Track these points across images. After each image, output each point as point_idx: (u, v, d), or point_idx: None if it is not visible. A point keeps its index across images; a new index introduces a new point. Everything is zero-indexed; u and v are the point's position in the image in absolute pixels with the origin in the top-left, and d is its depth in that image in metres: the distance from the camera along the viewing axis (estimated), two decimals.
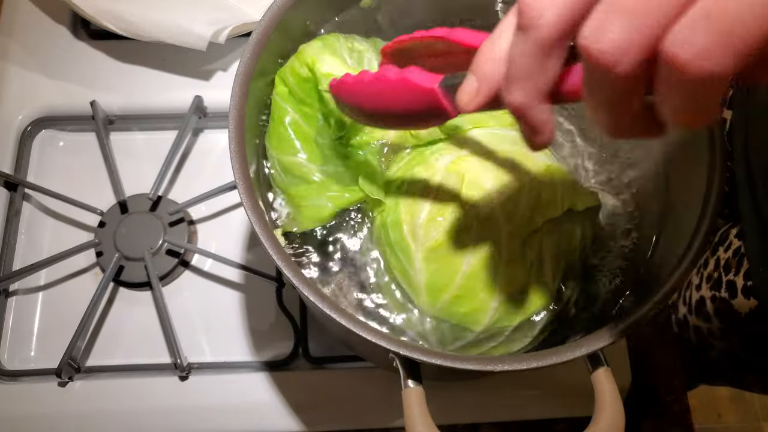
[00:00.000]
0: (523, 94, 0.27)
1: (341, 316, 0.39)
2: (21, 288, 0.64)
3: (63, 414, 0.59)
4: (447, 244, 0.42)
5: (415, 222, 0.43)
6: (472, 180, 0.43)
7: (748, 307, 0.66)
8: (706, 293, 0.74)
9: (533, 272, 0.43)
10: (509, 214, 0.42)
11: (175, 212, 0.64)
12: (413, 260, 0.43)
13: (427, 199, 0.43)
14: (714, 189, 0.42)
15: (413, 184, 0.45)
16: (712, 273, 0.72)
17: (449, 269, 0.42)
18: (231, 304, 0.63)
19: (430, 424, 0.38)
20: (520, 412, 0.60)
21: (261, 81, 0.47)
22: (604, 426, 0.38)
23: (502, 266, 0.42)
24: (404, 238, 0.44)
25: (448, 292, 0.43)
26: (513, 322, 0.43)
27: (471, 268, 0.42)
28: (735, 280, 0.67)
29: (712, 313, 0.73)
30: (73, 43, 0.71)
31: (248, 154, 0.43)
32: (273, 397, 0.59)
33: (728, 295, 0.68)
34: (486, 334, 0.44)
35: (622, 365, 0.61)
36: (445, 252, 0.42)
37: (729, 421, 1.51)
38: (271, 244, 0.40)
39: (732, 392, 1.53)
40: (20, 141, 0.67)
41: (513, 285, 0.42)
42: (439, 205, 0.43)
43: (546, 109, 0.28)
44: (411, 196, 0.44)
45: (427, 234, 0.43)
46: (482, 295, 0.42)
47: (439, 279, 0.43)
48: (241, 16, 0.69)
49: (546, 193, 0.44)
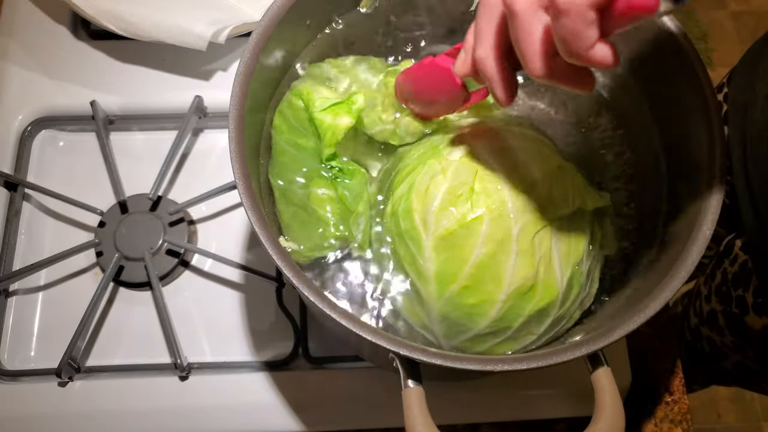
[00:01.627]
0: (481, 50, 0.38)
1: (341, 316, 0.39)
2: (21, 288, 0.64)
3: (63, 414, 0.59)
4: (457, 233, 0.43)
5: (426, 210, 0.44)
6: (485, 173, 0.44)
7: (761, 324, 0.66)
8: (716, 306, 0.74)
9: (542, 267, 0.43)
10: (520, 209, 0.43)
11: (175, 212, 0.64)
12: (423, 248, 0.44)
13: (439, 190, 0.44)
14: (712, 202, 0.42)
15: (426, 175, 0.45)
16: (721, 287, 0.72)
17: (459, 259, 0.43)
18: (231, 304, 0.63)
19: (430, 424, 0.38)
20: (520, 412, 0.60)
21: (261, 81, 0.47)
22: (604, 426, 0.38)
23: (512, 259, 0.42)
24: (415, 227, 0.44)
25: (457, 282, 0.43)
26: (520, 317, 0.44)
27: (480, 258, 0.42)
28: (745, 296, 0.67)
29: (724, 326, 0.73)
30: (73, 43, 0.71)
31: (248, 155, 0.43)
32: (273, 397, 0.59)
33: (739, 311, 0.69)
34: (492, 328, 0.44)
35: (622, 365, 0.61)
36: (456, 241, 0.43)
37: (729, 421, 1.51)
38: (271, 244, 0.40)
39: (732, 392, 1.53)
40: (20, 141, 0.67)
41: (521, 279, 0.42)
42: (451, 196, 0.43)
43: (499, 65, 0.38)
44: (423, 185, 0.45)
45: (438, 222, 0.43)
46: (490, 287, 0.43)
47: (448, 268, 0.43)
48: (241, 16, 0.69)
49: (557, 191, 0.44)
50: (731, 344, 0.73)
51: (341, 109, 0.47)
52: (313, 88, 0.49)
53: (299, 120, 0.48)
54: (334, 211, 0.48)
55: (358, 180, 0.48)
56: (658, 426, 0.62)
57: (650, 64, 0.49)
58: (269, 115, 0.50)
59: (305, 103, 0.48)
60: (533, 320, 0.44)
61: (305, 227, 0.49)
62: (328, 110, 0.47)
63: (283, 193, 0.49)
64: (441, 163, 0.45)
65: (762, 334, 0.66)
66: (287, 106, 0.49)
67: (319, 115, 0.47)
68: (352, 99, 0.47)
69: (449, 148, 0.46)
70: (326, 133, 0.47)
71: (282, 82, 0.51)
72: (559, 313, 0.45)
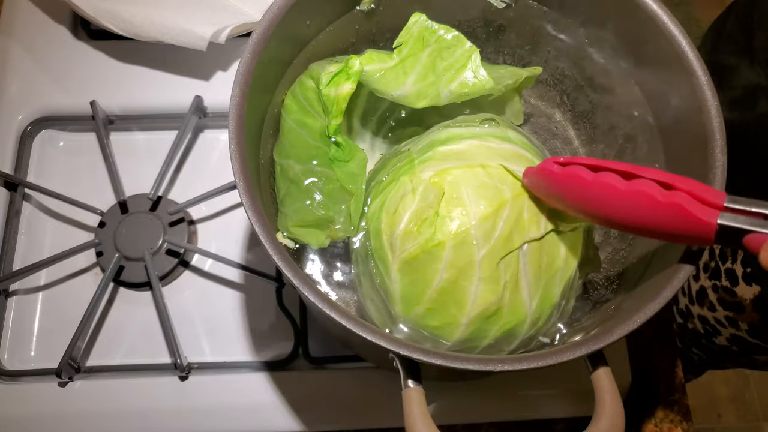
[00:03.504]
0: None
1: (341, 316, 0.39)
2: (21, 288, 0.64)
3: (63, 414, 0.59)
4: (420, 258, 0.42)
5: (393, 233, 0.44)
6: (452, 195, 0.43)
7: (752, 293, 0.66)
8: (705, 283, 0.74)
9: (507, 293, 0.42)
10: (486, 233, 0.42)
11: (175, 212, 0.64)
12: (390, 271, 0.44)
13: (406, 212, 0.43)
14: None
15: (397, 194, 0.45)
16: (708, 263, 0.73)
17: (422, 282, 0.43)
18: (231, 304, 0.63)
19: (430, 424, 0.38)
20: (520, 412, 0.60)
21: (261, 81, 0.47)
22: (604, 426, 0.38)
23: (474, 284, 0.42)
24: (383, 248, 0.44)
25: (421, 305, 0.43)
26: (486, 338, 0.44)
27: (443, 283, 0.42)
28: (734, 268, 0.68)
29: (715, 302, 0.73)
30: (73, 43, 0.71)
31: (248, 155, 0.43)
32: (273, 397, 0.59)
33: (729, 283, 0.69)
34: (459, 347, 0.44)
35: (622, 365, 0.61)
36: (419, 265, 0.42)
37: (729, 421, 1.51)
38: (271, 244, 0.40)
39: (732, 392, 1.53)
40: (20, 141, 0.67)
41: (484, 304, 0.42)
42: (416, 219, 0.43)
43: None
44: (393, 205, 0.44)
45: (403, 246, 0.43)
46: (453, 311, 0.43)
47: (412, 291, 0.43)
48: (241, 16, 0.69)
49: (529, 213, 0.43)
50: (724, 319, 0.74)
51: (341, 78, 0.46)
52: (322, 67, 0.48)
53: (308, 99, 0.48)
54: (326, 190, 0.47)
55: (356, 161, 0.48)
56: (658, 426, 0.62)
57: None
58: (269, 114, 0.50)
59: (315, 82, 0.47)
60: (501, 341, 0.44)
61: (295, 202, 0.48)
62: (331, 83, 0.46)
63: (282, 169, 0.49)
64: (412, 181, 0.44)
65: (754, 303, 0.67)
66: (299, 85, 0.49)
67: (325, 91, 0.46)
68: (348, 64, 0.46)
69: (423, 165, 0.45)
70: (332, 106, 0.46)
71: (282, 82, 0.51)
72: (530, 333, 0.45)
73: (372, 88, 0.48)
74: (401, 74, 0.48)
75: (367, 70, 0.47)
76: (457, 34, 0.49)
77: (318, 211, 0.47)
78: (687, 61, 0.45)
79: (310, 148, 0.48)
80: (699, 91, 0.44)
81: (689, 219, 0.35)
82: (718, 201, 0.35)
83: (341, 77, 0.46)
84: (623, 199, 0.37)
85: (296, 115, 0.48)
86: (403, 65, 0.48)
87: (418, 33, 0.49)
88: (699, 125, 0.44)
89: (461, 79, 0.48)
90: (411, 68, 0.48)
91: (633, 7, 0.47)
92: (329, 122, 0.46)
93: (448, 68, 0.48)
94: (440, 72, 0.48)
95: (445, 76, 0.48)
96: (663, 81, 0.48)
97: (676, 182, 0.36)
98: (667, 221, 0.36)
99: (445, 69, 0.48)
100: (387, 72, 0.47)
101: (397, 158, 0.48)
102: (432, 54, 0.48)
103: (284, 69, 0.51)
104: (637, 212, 0.37)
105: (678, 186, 0.36)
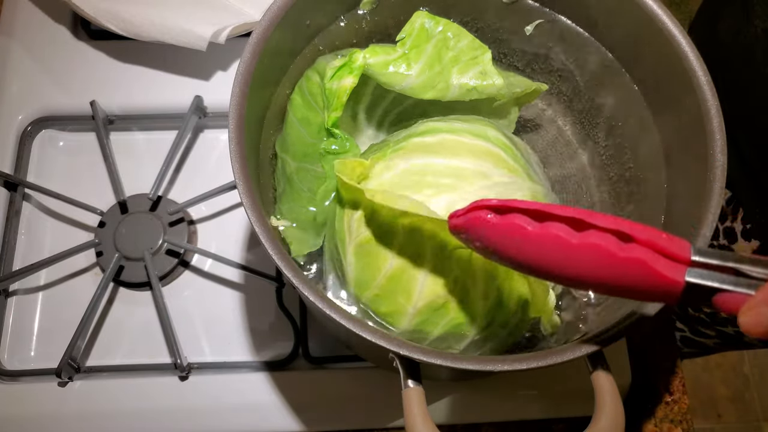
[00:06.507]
0: None
1: (341, 316, 0.39)
2: (21, 288, 0.64)
3: (63, 414, 0.59)
4: (373, 242, 0.43)
5: (351, 216, 0.44)
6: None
7: (751, 249, 0.66)
8: None
9: (457, 288, 0.42)
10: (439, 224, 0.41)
11: (175, 212, 0.64)
12: (347, 253, 0.44)
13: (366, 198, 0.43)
14: None
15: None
16: None
17: (373, 267, 0.43)
18: (231, 304, 0.63)
19: (430, 424, 0.38)
20: (520, 412, 0.60)
21: (261, 81, 0.47)
22: (604, 426, 0.38)
23: (422, 276, 0.42)
24: (342, 230, 0.45)
25: (371, 290, 0.44)
26: (433, 332, 0.44)
27: (393, 270, 0.43)
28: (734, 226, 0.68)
29: None
30: (73, 43, 0.71)
31: (248, 155, 0.43)
32: (273, 397, 0.59)
33: (727, 242, 0.70)
34: (408, 336, 0.44)
35: (622, 365, 0.61)
36: (371, 249, 0.43)
37: (729, 421, 1.51)
38: (271, 244, 0.40)
39: (732, 392, 1.53)
40: (20, 141, 0.67)
41: (431, 295, 0.42)
42: (374, 206, 0.43)
43: None
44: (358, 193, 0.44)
45: (359, 229, 0.44)
46: (400, 300, 0.43)
47: (364, 275, 0.44)
48: (241, 16, 0.69)
49: None
50: None
51: (344, 72, 0.46)
52: (328, 61, 0.48)
53: (313, 94, 0.48)
54: (315, 187, 0.48)
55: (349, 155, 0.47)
56: (658, 426, 0.62)
57: None
58: (270, 113, 0.50)
59: (320, 76, 0.47)
60: (449, 337, 0.44)
61: (289, 201, 0.49)
62: (334, 77, 0.46)
63: (282, 163, 0.49)
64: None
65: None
66: (306, 79, 0.49)
67: (328, 84, 0.46)
68: (352, 58, 0.46)
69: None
70: (333, 99, 0.46)
71: (282, 81, 0.51)
72: (483, 335, 0.44)
73: (377, 80, 0.48)
74: (406, 65, 0.47)
75: (372, 62, 0.46)
76: (460, 27, 0.49)
77: (308, 211, 0.48)
78: (687, 61, 0.45)
79: (307, 146, 0.48)
80: (699, 91, 0.44)
81: (652, 276, 0.31)
82: (684, 254, 0.31)
83: (344, 71, 0.46)
84: (576, 255, 0.32)
85: (300, 110, 0.48)
86: (407, 57, 0.47)
87: (420, 26, 0.48)
88: (699, 125, 0.44)
89: (471, 74, 0.48)
90: (416, 59, 0.47)
91: (633, 7, 0.47)
92: (329, 114, 0.46)
93: (455, 60, 0.48)
94: (447, 62, 0.48)
95: (453, 67, 0.48)
96: (662, 80, 0.48)
97: (635, 232, 0.31)
98: (627, 279, 0.31)
99: (452, 60, 0.48)
100: (392, 63, 0.47)
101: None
102: (437, 45, 0.48)
103: (284, 68, 0.51)
104: (592, 270, 0.32)
105: (638, 237, 0.31)
